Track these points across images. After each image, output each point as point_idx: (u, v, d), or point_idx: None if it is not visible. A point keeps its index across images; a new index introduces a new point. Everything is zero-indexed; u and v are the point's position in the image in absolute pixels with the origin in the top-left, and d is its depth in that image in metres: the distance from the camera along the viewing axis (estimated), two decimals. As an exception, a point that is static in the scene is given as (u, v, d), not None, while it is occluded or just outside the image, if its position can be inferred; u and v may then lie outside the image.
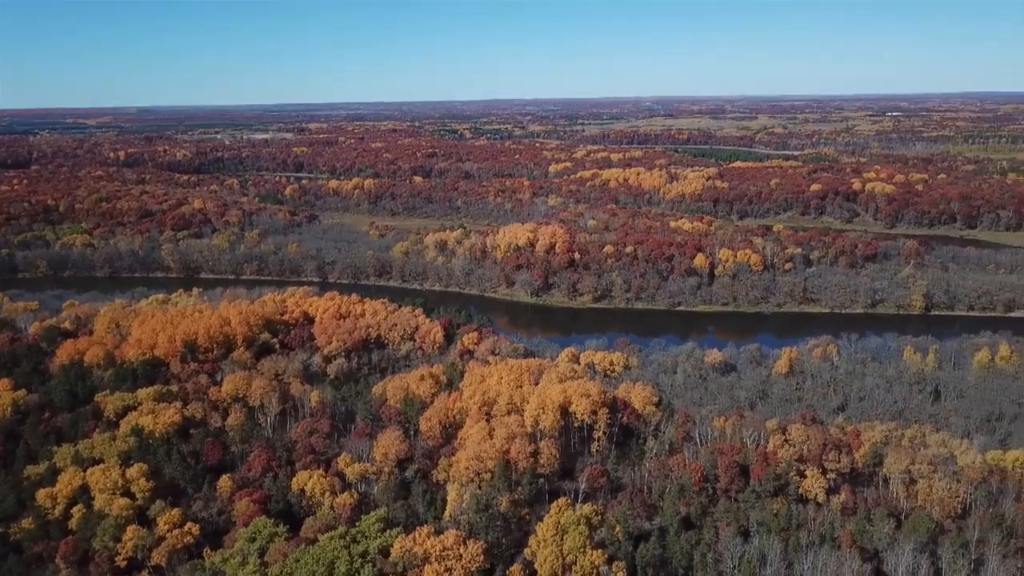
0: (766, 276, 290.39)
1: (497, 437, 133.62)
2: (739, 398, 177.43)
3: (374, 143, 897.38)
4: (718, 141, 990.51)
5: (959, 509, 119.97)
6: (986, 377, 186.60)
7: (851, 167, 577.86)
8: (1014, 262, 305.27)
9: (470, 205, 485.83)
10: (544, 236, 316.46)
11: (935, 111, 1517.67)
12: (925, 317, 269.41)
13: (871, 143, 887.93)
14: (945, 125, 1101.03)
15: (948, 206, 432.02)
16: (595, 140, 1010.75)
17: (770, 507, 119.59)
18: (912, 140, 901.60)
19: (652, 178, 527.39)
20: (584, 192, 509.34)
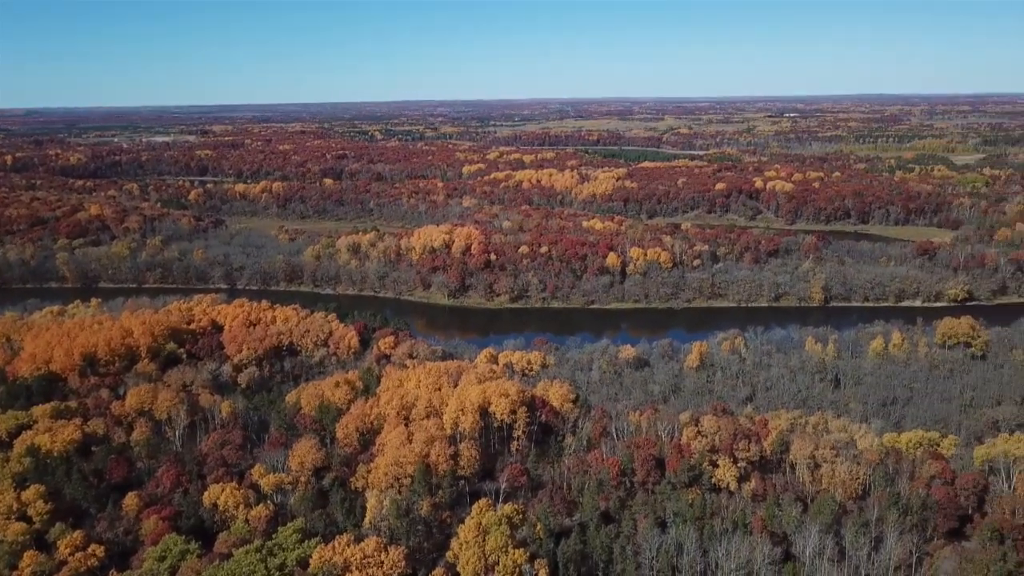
0: (676, 273, 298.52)
1: (416, 441, 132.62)
2: (653, 392, 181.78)
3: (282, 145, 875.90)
4: (627, 142, 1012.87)
5: (860, 490, 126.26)
6: (881, 364, 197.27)
7: (753, 166, 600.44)
8: (903, 255, 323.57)
9: (383, 207, 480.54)
10: (460, 237, 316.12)
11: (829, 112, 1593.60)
12: (824, 308, 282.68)
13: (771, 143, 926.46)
14: (838, 126, 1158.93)
15: (843, 203, 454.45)
16: (507, 141, 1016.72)
17: (685, 497, 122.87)
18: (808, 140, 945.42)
19: (564, 179, 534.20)
20: (498, 193, 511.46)
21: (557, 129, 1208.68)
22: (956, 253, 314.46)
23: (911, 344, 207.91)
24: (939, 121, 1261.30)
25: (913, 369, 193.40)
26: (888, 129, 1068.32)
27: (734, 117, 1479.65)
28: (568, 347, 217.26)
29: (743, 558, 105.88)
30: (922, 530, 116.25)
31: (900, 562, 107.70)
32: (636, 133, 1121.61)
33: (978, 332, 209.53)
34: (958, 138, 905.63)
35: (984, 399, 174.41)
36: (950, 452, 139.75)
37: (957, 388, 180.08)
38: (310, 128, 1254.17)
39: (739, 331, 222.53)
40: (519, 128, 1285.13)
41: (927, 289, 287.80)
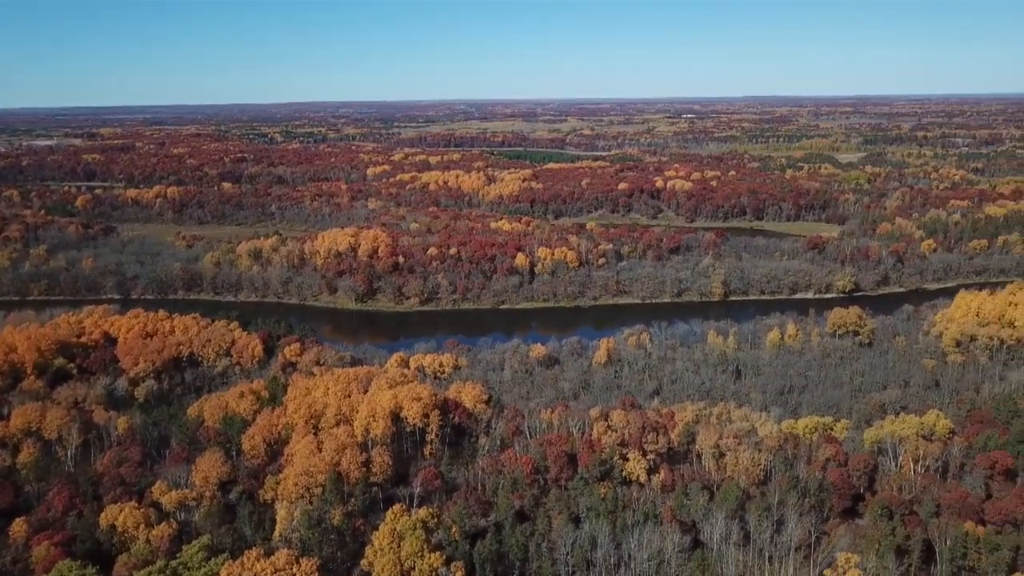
0: (582, 272, 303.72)
1: (326, 450, 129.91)
2: (564, 389, 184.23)
3: (176, 148, 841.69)
4: (532, 143, 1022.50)
5: (761, 476, 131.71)
6: (778, 354, 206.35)
7: (654, 166, 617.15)
8: (795, 249, 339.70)
9: (285, 211, 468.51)
10: (366, 240, 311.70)
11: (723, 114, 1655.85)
12: (724, 303, 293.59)
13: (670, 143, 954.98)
14: (732, 126, 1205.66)
15: (739, 200, 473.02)
16: (412, 143, 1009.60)
17: (597, 492, 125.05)
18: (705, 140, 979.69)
19: (471, 180, 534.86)
20: (404, 195, 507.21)
21: (462, 131, 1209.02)
22: (843, 247, 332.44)
23: (805, 334, 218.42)
24: (824, 122, 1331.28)
25: (807, 358, 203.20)
26: (778, 129, 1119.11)
27: (635, 118, 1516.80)
28: (480, 348, 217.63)
29: (654, 548, 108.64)
30: (819, 510, 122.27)
31: (800, 542, 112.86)
32: (540, 135, 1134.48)
33: (864, 321, 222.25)
34: (842, 138, 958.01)
35: (871, 384, 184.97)
36: (843, 435, 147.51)
37: (847, 375, 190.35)
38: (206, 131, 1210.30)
39: (644, 327, 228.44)
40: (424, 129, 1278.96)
41: (818, 281, 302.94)
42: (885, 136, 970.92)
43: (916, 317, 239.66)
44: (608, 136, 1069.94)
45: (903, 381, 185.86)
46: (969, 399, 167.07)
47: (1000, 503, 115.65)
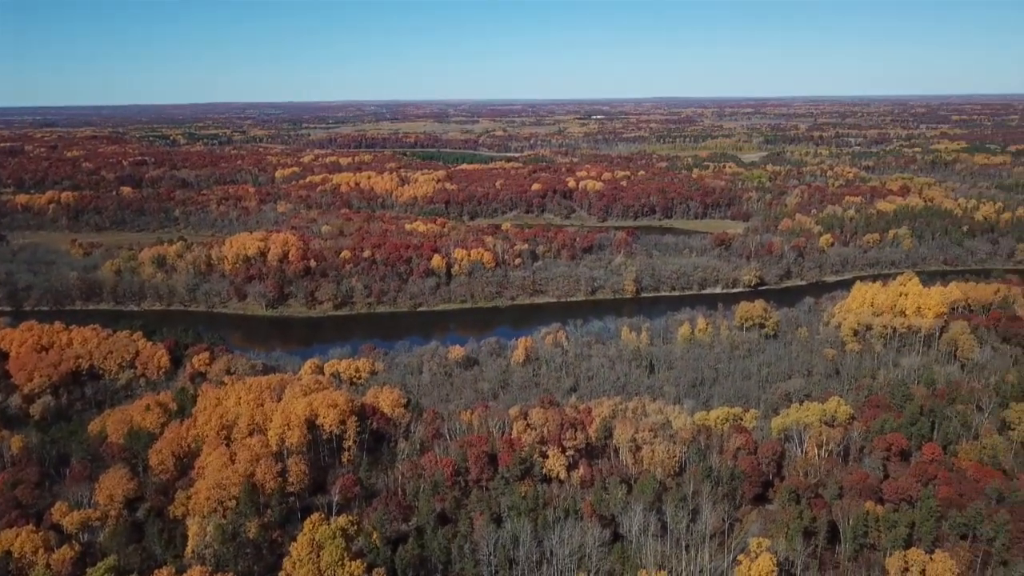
0: (499, 272, 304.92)
1: (240, 461, 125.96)
2: (483, 390, 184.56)
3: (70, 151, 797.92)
4: (444, 144, 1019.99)
5: (677, 467, 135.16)
6: (689, 348, 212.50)
7: (566, 167, 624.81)
8: (703, 246, 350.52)
9: (190, 215, 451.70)
10: (276, 244, 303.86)
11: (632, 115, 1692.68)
12: (637, 299, 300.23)
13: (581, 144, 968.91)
14: (640, 127, 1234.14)
15: (648, 200, 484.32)
16: (322, 144, 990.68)
17: (518, 491, 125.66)
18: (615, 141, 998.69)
19: (384, 181, 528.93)
20: (315, 197, 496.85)
21: (373, 132, 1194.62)
22: (748, 243, 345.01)
23: (714, 328, 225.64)
24: (727, 122, 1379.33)
25: (717, 351, 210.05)
26: (684, 130, 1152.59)
27: (546, 119, 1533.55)
28: (397, 351, 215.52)
29: (575, 543, 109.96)
30: (732, 498, 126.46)
31: (715, 530, 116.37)
32: (453, 135, 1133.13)
33: (769, 314, 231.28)
34: (744, 138, 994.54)
35: (777, 374, 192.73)
36: (752, 425, 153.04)
37: (755, 366, 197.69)
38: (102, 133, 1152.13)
39: (561, 325, 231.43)
40: (334, 130, 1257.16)
41: (725, 277, 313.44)
42: (784, 136, 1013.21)
43: (817, 309, 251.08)
44: (520, 137, 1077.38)
45: (806, 370, 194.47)
46: (866, 385, 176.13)
47: (896, 482, 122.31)
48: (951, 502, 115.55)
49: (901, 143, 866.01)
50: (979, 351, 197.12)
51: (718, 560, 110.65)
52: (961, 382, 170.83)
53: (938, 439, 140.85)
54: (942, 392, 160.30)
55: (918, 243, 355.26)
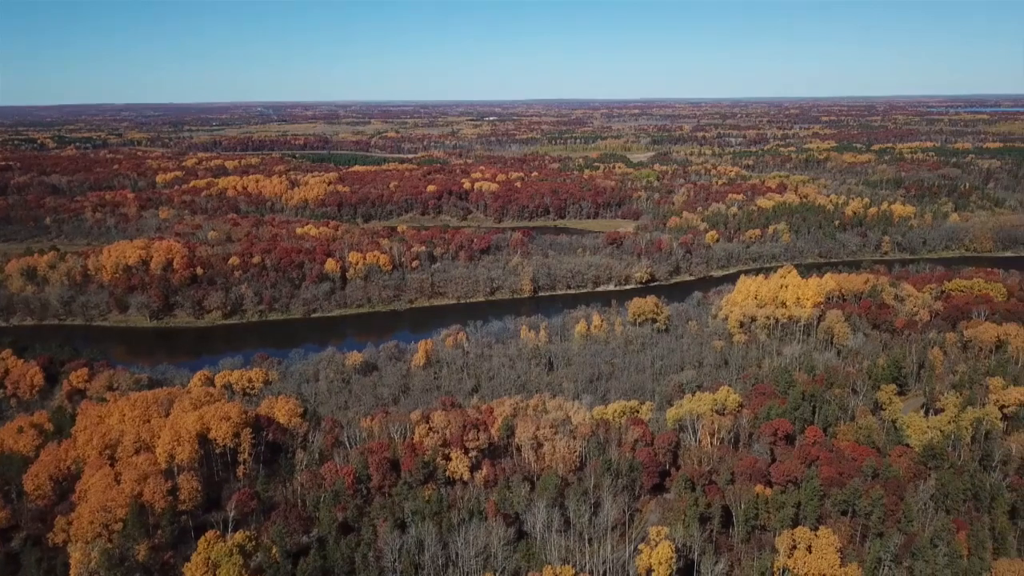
0: (396, 275, 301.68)
1: (126, 481, 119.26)
2: (383, 395, 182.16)
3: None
4: (335, 146, 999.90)
5: (577, 462, 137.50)
6: (586, 344, 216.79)
7: (460, 168, 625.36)
8: (596, 245, 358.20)
9: (63, 223, 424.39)
10: (159, 252, 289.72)
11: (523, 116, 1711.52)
12: (535, 298, 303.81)
13: (475, 145, 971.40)
14: (532, 128, 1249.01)
15: (543, 200, 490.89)
16: (206, 147, 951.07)
17: (422, 495, 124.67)
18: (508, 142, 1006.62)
19: (273, 185, 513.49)
20: (200, 202, 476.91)
21: (261, 134, 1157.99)
22: (638, 241, 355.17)
23: (609, 324, 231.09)
24: (616, 123, 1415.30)
25: (612, 346, 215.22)
26: (575, 131, 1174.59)
27: (438, 121, 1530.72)
28: (292, 360, 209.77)
29: (481, 544, 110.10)
30: (632, 489, 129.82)
31: (616, 521, 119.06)
32: (344, 137, 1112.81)
33: (661, 309, 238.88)
34: (632, 138, 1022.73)
35: (670, 366, 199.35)
36: (648, 417, 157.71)
37: (649, 359, 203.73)
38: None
39: (460, 326, 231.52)
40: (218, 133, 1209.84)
41: (618, 274, 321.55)
42: (670, 137, 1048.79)
43: (705, 302, 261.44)
44: (413, 138, 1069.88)
45: (697, 362, 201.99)
46: (753, 374, 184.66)
47: (783, 465, 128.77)
48: (832, 481, 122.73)
49: (777, 143, 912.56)
50: (853, 338, 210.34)
51: (620, 551, 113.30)
52: (838, 367, 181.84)
53: (819, 422, 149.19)
54: (821, 378, 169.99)
55: (795, 237, 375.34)
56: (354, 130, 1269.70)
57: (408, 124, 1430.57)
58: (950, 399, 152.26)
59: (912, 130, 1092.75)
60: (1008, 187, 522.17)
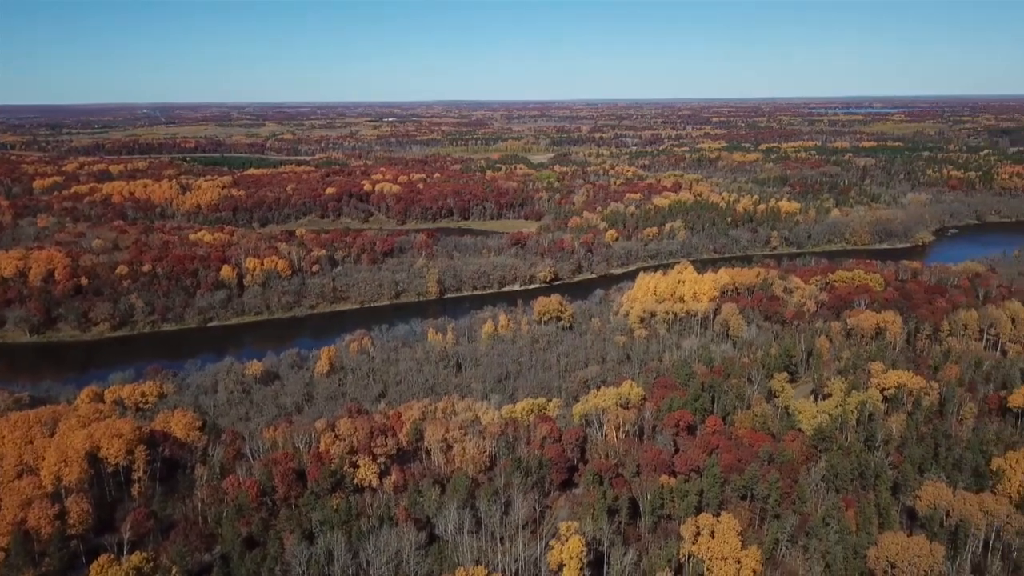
0: (296, 280, 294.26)
1: (7, 507, 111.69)
2: (286, 405, 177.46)
3: None
4: (228, 148, 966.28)
5: (487, 462, 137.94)
6: (493, 344, 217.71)
7: (360, 170, 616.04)
8: (500, 246, 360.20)
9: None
10: (38, 263, 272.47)
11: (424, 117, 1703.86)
12: (441, 300, 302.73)
13: (374, 147, 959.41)
14: (433, 130, 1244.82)
15: (446, 201, 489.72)
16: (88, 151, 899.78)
17: (330, 504, 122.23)
18: (408, 144, 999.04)
19: (162, 190, 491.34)
20: (83, 209, 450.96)
21: (148, 136, 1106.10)
22: (541, 241, 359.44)
23: (516, 324, 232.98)
24: (516, 125, 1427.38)
25: (519, 345, 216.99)
26: (476, 132, 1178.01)
27: (336, 122, 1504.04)
28: (188, 371, 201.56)
29: (392, 550, 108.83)
30: (541, 486, 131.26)
31: (527, 519, 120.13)
32: (238, 140, 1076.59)
33: (565, 307, 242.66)
34: (532, 140, 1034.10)
35: (576, 363, 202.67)
36: (556, 413, 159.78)
37: (555, 357, 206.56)
38: None
39: (365, 331, 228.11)
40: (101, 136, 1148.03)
41: (523, 274, 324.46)
42: (569, 138, 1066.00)
43: (607, 300, 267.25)
44: (311, 140, 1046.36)
45: (601, 357, 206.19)
46: (655, 368, 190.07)
47: (685, 455, 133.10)
48: (732, 468, 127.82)
49: (672, 143, 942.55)
50: (747, 329, 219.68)
51: (532, 548, 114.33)
52: (734, 358, 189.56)
53: (718, 411, 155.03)
54: (719, 369, 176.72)
55: (691, 234, 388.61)
56: (248, 132, 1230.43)
57: (305, 126, 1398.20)
58: (836, 384, 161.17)
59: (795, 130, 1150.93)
60: (882, 183, 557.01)
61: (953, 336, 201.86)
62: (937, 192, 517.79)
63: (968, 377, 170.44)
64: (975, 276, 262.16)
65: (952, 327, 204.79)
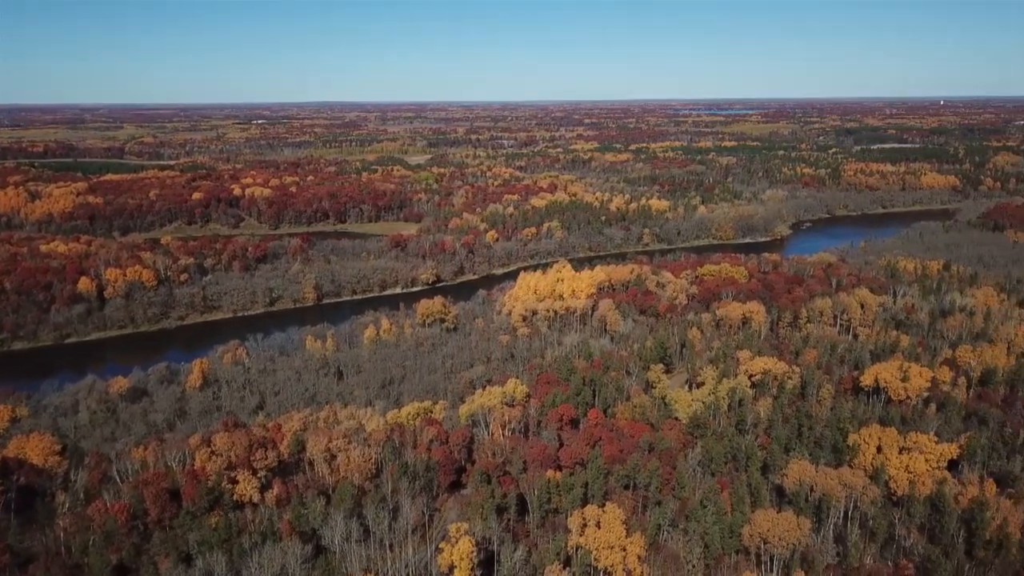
0: (163, 291, 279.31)
1: None
2: (156, 422, 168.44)
3: None
4: (82, 153, 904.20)
5: (373, 470, 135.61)
6: (376, 350, 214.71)
7: (229, 174, 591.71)
8: (379, 248, 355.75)
9: None
10: None
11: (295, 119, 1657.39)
12: (319, 307, 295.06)
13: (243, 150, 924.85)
14: (305, 132, 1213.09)
15: (321, 204, 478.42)
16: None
17: (208, 523, 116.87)
18: (279, 146, 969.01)
19: (8, 197, 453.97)
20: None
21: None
22: (422, 243, 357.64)
23: (399, 327, 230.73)
24: (391, 126, 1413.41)
25: (403, 349, 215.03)
26: (350, 134, 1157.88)
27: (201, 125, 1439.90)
28: (45, 392, 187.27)
29: (277, 566, 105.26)
30: (429, 490, 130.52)
31: (416, 524, 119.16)
32: (93, 143, 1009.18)
33: (448, 309, 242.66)
34: (409, 141, 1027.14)
35: (461, 364, 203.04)
36: (442, 415, 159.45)
37: (440, 359, 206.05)
38: None
39: (240, 341, 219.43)
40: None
41: (404, 276, 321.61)
42: (445, 139, 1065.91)
43: (489, 300, 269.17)
44: (174, 144, 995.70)
45: (486, 357, 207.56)
46: (538, 365, 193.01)
47: (570, 449, 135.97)
48: (615, 458, 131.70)
49: (546, 144, 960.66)
50: (624, 324, 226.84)
51: (421, 552, 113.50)
52: (612, 352, 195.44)
53: (599, 404, 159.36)
54: (598, 363, 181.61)
55: (568, 234, 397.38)
56: (104, 135, 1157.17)
57: (167, 128, 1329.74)
58: (708, 373, 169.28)
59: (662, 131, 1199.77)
60: (743, 181, 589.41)
61: (811, 323, 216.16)
62: (792, 189, 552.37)
63: (825, 360, 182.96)
64: (828, 266, 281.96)
65: (810, 314, 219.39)
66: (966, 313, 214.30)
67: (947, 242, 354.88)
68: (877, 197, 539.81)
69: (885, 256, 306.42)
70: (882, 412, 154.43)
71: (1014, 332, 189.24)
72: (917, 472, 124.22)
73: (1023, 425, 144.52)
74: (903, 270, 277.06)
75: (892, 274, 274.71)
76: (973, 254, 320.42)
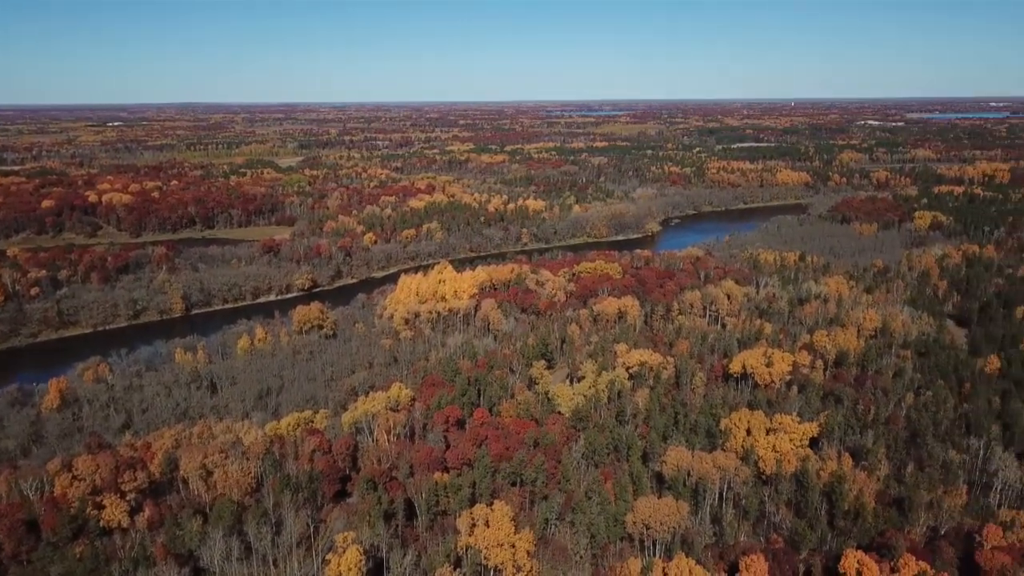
0: (11, 307, 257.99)
1: None
2: (8, 449, 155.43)
3: None
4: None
5: (253, 484, 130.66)
6: (251, 360, 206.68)
7: (83, 179, 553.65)
8: (251, 254, 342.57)
9: None
10: None
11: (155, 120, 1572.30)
12: (188, 317, 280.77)
13: (99, 153, 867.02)
14: (167, 134, 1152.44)
15: (186, 210, 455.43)
16: None
17: (71, 554, 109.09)
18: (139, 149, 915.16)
19: None
20: None
21: None
22: (296, 247, 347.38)
23: (274, 336, 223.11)
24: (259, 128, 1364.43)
25: (280, 358, 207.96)
26: (215, 136, 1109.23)
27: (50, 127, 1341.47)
28: None
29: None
30: (313, 501, 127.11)
31: (301, 537, 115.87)
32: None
33: (326, 315, 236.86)
34: (279, 143, 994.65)
35: (342, 371, 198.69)
36: (324, 424, 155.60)
37: (319, 367, 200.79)
38: None
39: (101, 358, 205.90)
40: None
41: (278, 283, 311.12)
42: (317, 141, 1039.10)
43: (370, 304, 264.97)
44: (19, 147, 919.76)
45: (368, 363, 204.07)
46: (422, 367, 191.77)
47: (457, 450, 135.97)
48: (501, 456, 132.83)
49: (423, 145, 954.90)
50: (506, 322, 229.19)
51: (307, 565, 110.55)
52: (496, 351, 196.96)
53: (484, 403, 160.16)
54: (483, 362, 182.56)
55: (447, 235, 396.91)
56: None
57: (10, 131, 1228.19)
58: (588, 367, 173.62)
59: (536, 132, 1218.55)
60: (615, 180, 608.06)
61: (682, 314, 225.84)
62: (661, 187, 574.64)
63: (697, 350, 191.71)
64: (697, 260, 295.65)
65: (681, 306, 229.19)
66: (821, 300, 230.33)
67: (802, 235, 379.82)
68: (739, 194, 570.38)
69: (748, 249, 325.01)
70: (750, 396, 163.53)
71: (862, 316, 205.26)
72: (783, 451, 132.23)
73: (873, 402, 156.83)
74: (764, 262, 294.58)
75: (755, 266, 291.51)
76: (825, 245, 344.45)
